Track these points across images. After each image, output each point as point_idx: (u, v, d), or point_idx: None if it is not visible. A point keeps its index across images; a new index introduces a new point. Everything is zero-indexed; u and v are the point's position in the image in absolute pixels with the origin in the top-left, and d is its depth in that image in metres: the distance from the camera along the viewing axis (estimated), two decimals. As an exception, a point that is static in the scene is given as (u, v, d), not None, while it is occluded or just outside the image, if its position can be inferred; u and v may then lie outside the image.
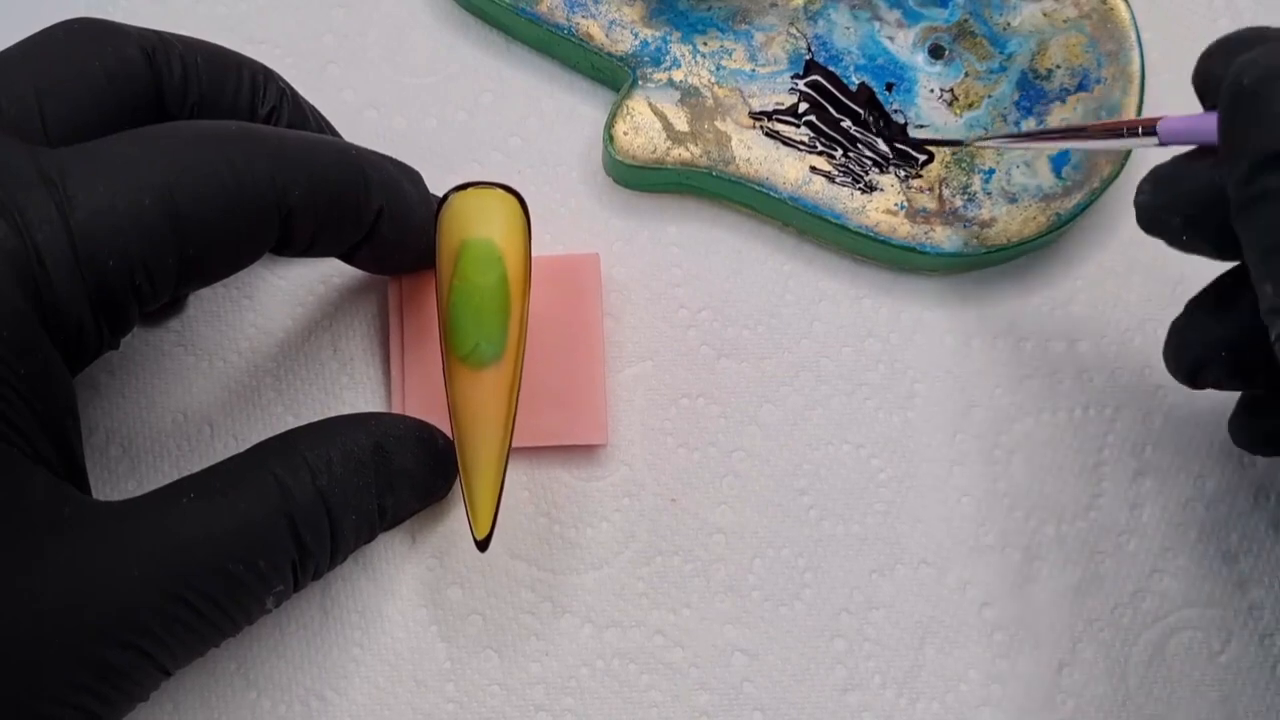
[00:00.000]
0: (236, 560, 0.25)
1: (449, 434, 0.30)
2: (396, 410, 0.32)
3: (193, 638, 0.25)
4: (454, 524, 0.32)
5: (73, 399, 0.26)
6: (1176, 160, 0.26)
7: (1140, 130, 0.27)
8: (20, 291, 0.23)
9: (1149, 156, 0.35)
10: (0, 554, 0.23)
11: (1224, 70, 0.25)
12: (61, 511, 0.24)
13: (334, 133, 0.32)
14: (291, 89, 0.31)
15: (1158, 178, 0.26)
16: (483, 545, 0.29)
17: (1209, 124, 0.25)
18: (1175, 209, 0.26)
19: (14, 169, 0.24)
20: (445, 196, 0.29)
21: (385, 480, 0.28)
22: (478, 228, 0.29)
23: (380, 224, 0.29)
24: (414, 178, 0.30)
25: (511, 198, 0.29)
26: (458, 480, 0.30)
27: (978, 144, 0.32)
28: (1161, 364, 0.33)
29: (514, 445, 0.29)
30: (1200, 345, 0.27)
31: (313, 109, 0.31)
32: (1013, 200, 0.33)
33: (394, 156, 0.30)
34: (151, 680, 0.25)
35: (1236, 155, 0.23)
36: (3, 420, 0.23)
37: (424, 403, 0.32)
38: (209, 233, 0.25)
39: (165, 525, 0.25)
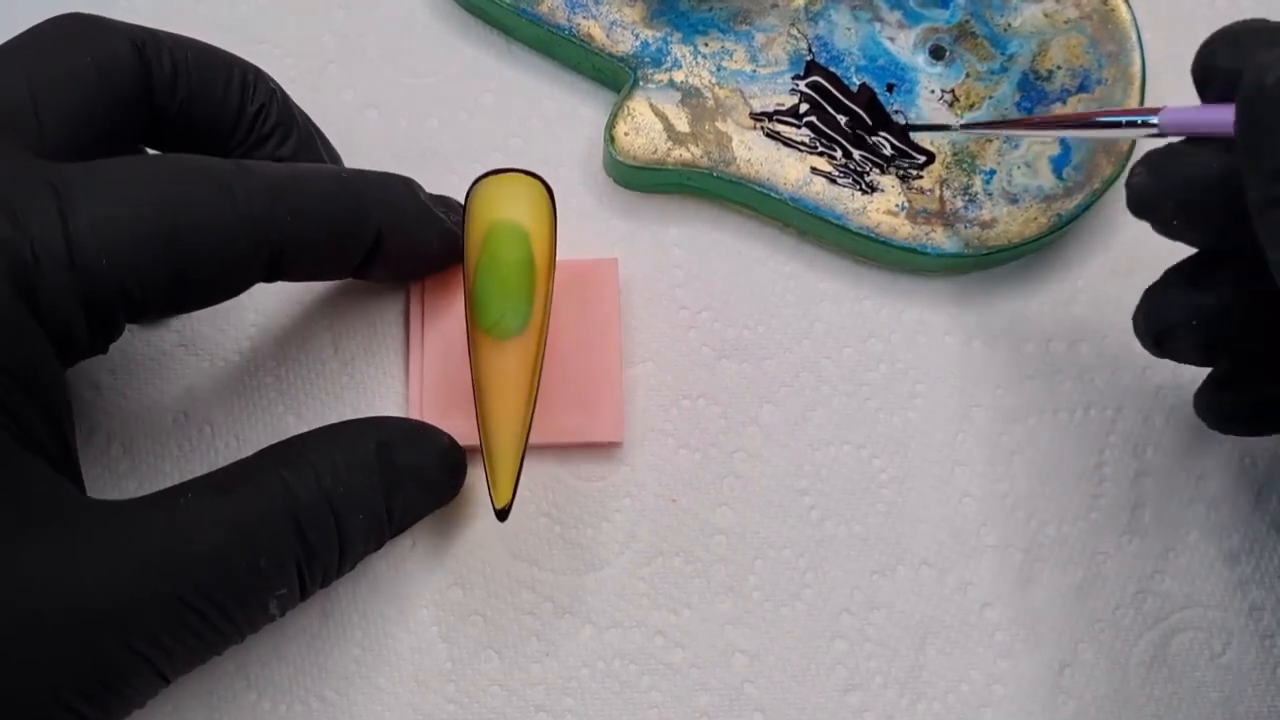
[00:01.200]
0: (237, 558, 0.25)
1: (474, 407, 0.30)
2: (414, 388, 0.32)
3: (192, 640, 0.25)
4: (455, 524, 0.32)
5: (66, 394, 0.25)
6: (1173, 147, 0.27)
7: (1140, 121, 0.27)
8: (11, 283, 0.24)
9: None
10: None
11: (1228, 63, 0.25)
12: (58, 503, 0.24)
13: (321, 136, 0.32)
14: (281, 90, 0.31)
15: (1153, 163, 0.27)
16: (502, 515, 0.29)
17: (1212, 116, 0.25)
18: (1170, 194, 0.26)
19: (19, 172, 0.25)
20: (475, 182, 0.30)
21: (392, 480, 0.28)
22: (505, 210, 0.30)
23: (382, 244, 0.29)
24: (413, 190, 0.30)
25: (538, 184, 0.30)
26: (467, 468, 0.30)
27: (966, 130, 0.33)
28: (1163, 365, 0.33)
29: (531, 443, 0.29)
30: (1173, 311, 0.28)
31: (301, 111, 0.31)
32: (1014, 201, 0.33)
33: (393, 155, 0.29)
34: (149, 686, 0.25)
35: (1261, 156, 0.23)
36: None
37: (442, 381, 0.32)
38: (202, 257, 0.26)
39: (165, 521, 0.25)
